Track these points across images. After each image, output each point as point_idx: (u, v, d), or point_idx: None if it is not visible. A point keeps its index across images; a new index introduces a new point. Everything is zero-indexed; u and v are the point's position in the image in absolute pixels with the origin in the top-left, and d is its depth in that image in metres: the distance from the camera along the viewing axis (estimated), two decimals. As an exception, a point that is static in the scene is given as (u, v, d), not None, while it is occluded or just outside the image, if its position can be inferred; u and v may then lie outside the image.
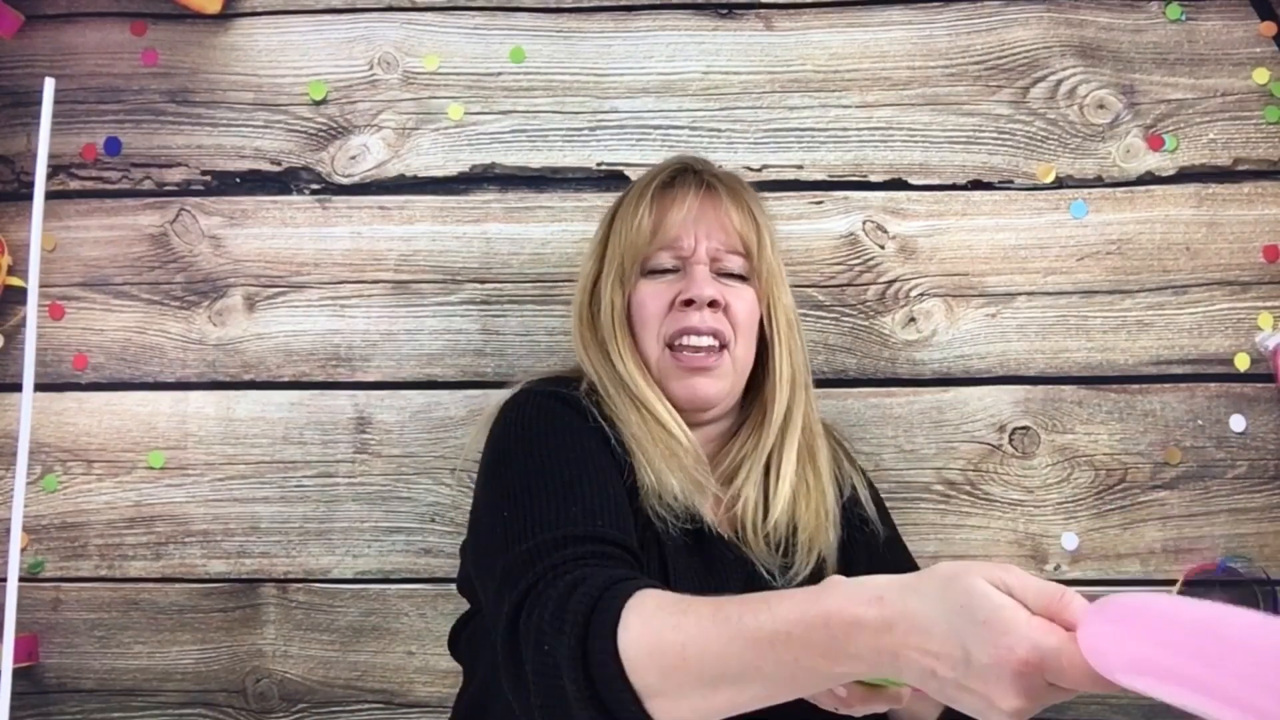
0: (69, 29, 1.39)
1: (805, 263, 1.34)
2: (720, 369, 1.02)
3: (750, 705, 0.69)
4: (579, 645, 0.72)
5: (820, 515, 1.03)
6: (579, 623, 0.73)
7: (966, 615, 0.59)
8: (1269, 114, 1.32)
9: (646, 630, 0.71)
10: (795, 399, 1.06)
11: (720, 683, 0.69)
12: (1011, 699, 0.58)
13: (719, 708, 0.70)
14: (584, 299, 1.09)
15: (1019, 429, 1.32)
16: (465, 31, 1.37)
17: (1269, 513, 1.29)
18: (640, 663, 0.70)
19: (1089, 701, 1.29)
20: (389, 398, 1.35)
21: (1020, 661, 0.57)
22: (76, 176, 1.38)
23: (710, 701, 0.70)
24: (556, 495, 0.88)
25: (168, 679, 1.33)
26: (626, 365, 1.02)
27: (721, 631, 0.69)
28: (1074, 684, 0.58)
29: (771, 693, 0.69)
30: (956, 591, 0.60)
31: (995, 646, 0.58)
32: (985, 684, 0.58)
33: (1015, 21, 1.35)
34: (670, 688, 0.70)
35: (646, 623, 0.72)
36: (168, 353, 1.36)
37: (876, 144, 1.35)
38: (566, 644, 0.72)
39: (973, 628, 0.59)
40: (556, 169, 1.36)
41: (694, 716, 0.71)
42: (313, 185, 1.37)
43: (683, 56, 1.36)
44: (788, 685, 0.68)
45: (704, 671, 0.69)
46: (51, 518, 1.35)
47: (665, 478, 0.96)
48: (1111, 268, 1.32)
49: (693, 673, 0.69)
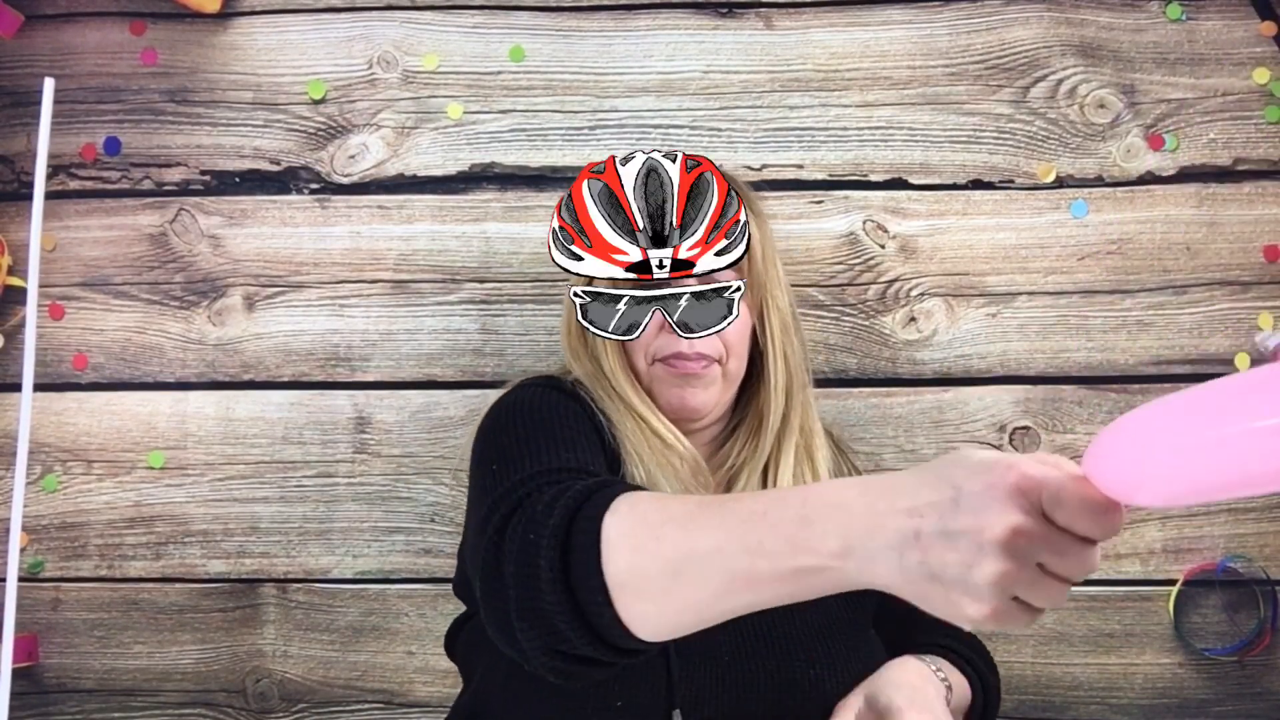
0: (69, 29, 1.39)
1: (805, 262, 1.34)
2: (709, 377, 1.01)
3: (706, 607, 0.66)
4: (565, 522, 0.71)
5: None
6: (570, 506, 0.72)
7: (958, 460, 0.57)
8: (1269, 114, 1.31)
9: (633, 511, 0.70)
10: (792, 403, 1.06)
11: (685, 566, 0.65)
12: (1002, 520, 0.52)
13: (678, 606, 0.67)
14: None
15: (1019, 429, 1.32)
16: (464, 30, 1.37)
17: (1269, 513, 1.29)
18: (617, 542, 0.68)
19: (1089, 701, 1.29)
20: (388, 397, 1.34)
21: (1017, 479, 0.53)
22: (76, 176, 1.38)
23: (671, 596, 0.67)
24: (543, 445, 0.88)
25: (168, 679, 1.33)
26: (617, 377, 1.01)
27: (701, 508, 0.68)
28: (1073, 516, 0.53)
29: (726, 588, 0.64)
30: (946, 456, 0.58)
31: (989, 472, 0.54)
32: (974, 515, 0.53)
33: (1016, 21, 1.35)
34: (637, 576, 0.68)
35: (635, 505, 0.70)
36: (167, 353, 1.36)
37: (877, 143, 1.35)
38: (553, 524, 0.71)
39: (964, 467, 0.56)
40: (556, 168, 1.36)
41: (655, 615, 0.68)
42: (312, 185, 1.37)
43: (683, 56, 1.36)
44: (745, 581, 0.63)
45: (674, 551, 0.66)
46: (51, 518, 1.35)
47: (660, 485, 0.96)
48: (1112, 267, 1.32)
49: (662, 555, 0.66)
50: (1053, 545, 0.53)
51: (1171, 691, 1.29)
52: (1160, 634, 1.29)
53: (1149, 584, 1.29)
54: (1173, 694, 1.29)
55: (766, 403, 1.05)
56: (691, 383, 1.01)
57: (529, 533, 0.73)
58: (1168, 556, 1.29)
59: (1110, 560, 1.30)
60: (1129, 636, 1.29)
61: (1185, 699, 1.29)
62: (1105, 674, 1.29)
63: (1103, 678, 1.29)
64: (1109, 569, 1.30)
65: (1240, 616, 1.29)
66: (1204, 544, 1.29)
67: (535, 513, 0.74)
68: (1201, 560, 1.29)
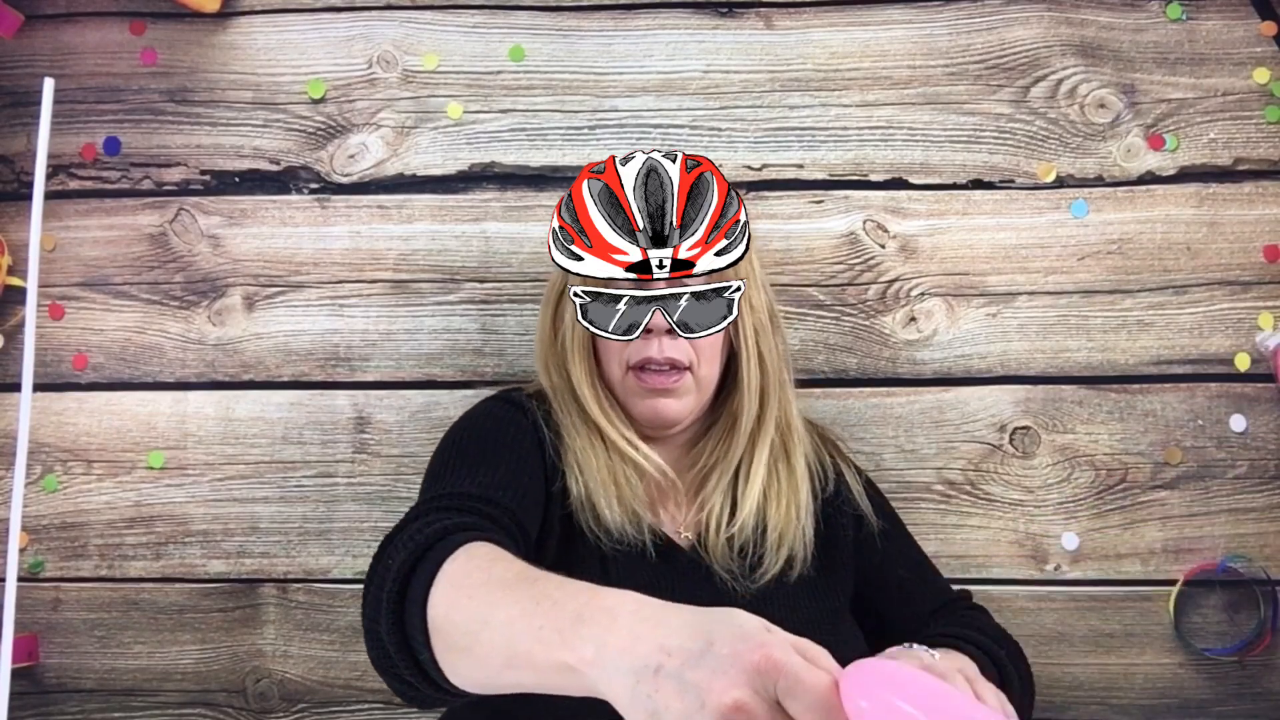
0: (68, 29, 1.39)
1: (805, 262, 1.34)
2: (682, 388, 1.01)
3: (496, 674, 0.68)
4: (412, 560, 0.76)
5: (791, 512, 1.03)
6: (421, 544, 0.77)
7: (725, 617, 0.57)
8: (1269, 114, 1.31)
9: (466, 564, 0.74)
10: (767, 404, 1.06)
11: (481, 631, 0.68)
12: (730, 691, 0.53)
13: (474, 664, 0.69)
14: (549, 313, 1.08)
15: (1019, 429, 1.31)
16: (464, 30, 1.37)
17: (1269, 513, 1.29)
18: (442, 591, 0.72)
19: (1089, 701, 1.29)
20: (388, 397, 1.34)
21: (762, 658, 0.53)
22: (76, 176, 1.38)
23: (470, 654, 0.69)
24: (461, 468, 0.94)
25: (168, 679, 1.33)
26: (582, 388, 1.03)
27: (517, 579, 0.70)
28: (803, 711, 0.53)
29: (508, 662, 0.66)
30: (721, 611, 0.58)
31: (743, 642, 0.55)
32: (711, 674, 0.54)
33: (1016, 21, 1.34)
34: (449, 626, 0.71)
35: (470, 558, 0.74)
36: (167, 353, 1.36)
37: (877, 143, 1.35)
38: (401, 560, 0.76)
39: (726, 625, 0.57)
40: (556, 168, 1.36)
41: (460, 666, 0.71)
42: (311, 184, 1.37)
43: (683, 55, 1.36)
44: (524, 660, 0.65)
45: (477, 613, 0.69)
46: (51, 518, 1.35)
47: (599, 504, 0.98)
48: (1112, 267, 1.32)
49: (469, 613, 0.70)
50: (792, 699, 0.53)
51: (1171, 691, 1.29)
52: (1160, 634, 1.29)
53: (1149, 584, 1.29)
54: (1173, 694, 1.29)
55: (740, 404, 1.05)
56: (665, 394, 1.01)
57: (388, 558, 0.78)
58: (1168, 556, 1.29)
59: (1111, 560, 1.30)
60: (1129, 636, 1.29)
61: (1185, 699, 1.29)
62: (1105, 674, 1.29)
63: (1103, 678, 1.29)
64: (1109, 569, 1.30)
65: (1240, 616, 1.29)
66: (1204, 544, 1.29)
67: (399, 541, 0.79)
68: (1202, 560, 1.29)
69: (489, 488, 0.91)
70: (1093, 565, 1.30)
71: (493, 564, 0.74)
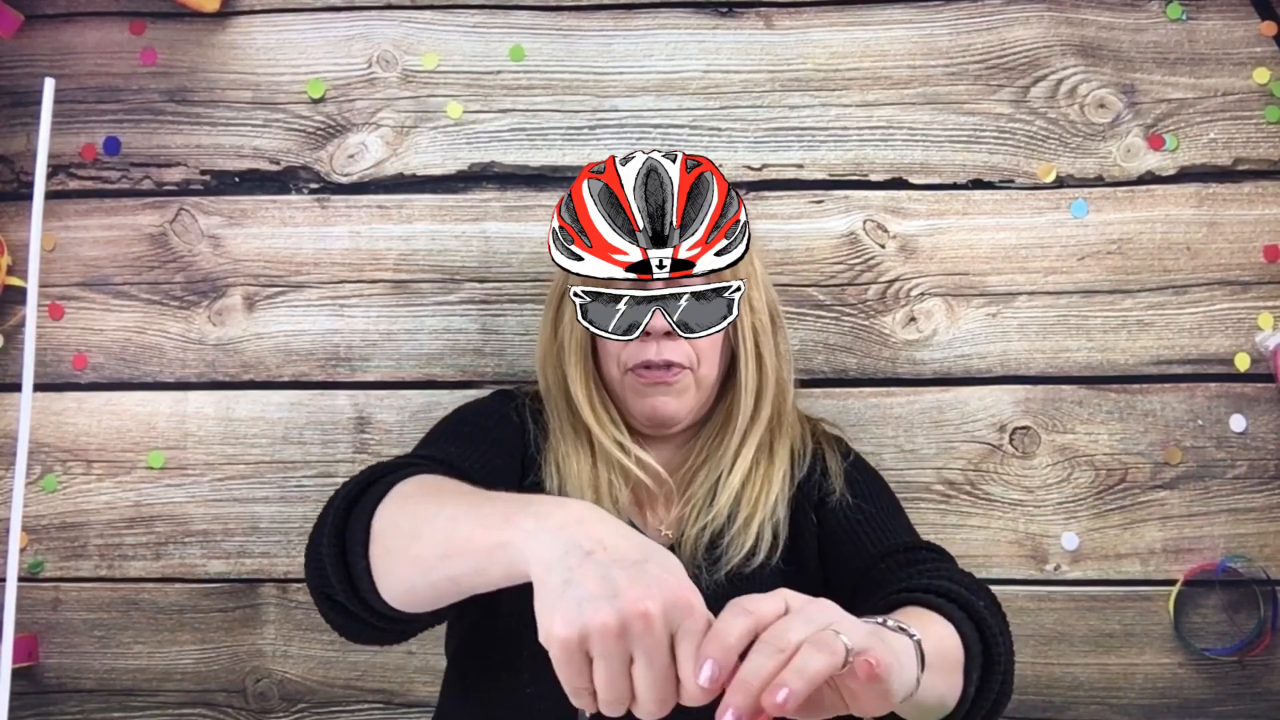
0: (68, 29, 1.39)
1: (805, 262, 1.34)
2: (681, 385, 1.01)
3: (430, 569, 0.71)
4: (364, 484, 0.82)
5: (763, 496, 1.03)
6: (378, 472, 0.83)
7: (667, 553, 0.62)
8: (1269, 114, 1.31)
9: (420, 482, 0.80)
10: (762, 405, 1.05)
11: (424, 526, 0.72)
12: (645, 601, 0.56)
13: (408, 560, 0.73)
14: (550, 314, 1.09)
15: (1019, 429, 1.31)
16: (464, 30, 1.37)
17: (1269, 513, 1.29)
18: (390, 502, 0.78)
19: (1089, 701, 1.29)
20: (389, 397, 1.34)
21: (684, 596, 0.58)
22: (76, 176, 1.38)
23: (406, 553, 0.73)
24: (442, 441, 1.00)
25: (168, 679, 1.33)
26: (576, 388, 1.04)
27: (474, 490, 0.78)
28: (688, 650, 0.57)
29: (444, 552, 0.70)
30: (665, 550, 0.63)
31: (674, 575, 0.59)
32: (633, 581, 0.57)
33: (1016, 21, 1.34)
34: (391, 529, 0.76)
35: (425, 479, 0.81)
36: (167, 353, 1.36)
37: (877, 143, 1.35)
38: (351, 484, 0.83)
39: (666, 557, 0.61)
40: (556, 168, 1.36)
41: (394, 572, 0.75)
42: (311, 184, 1.37)
43: (683, 55, 1.36)
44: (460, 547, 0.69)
45: (423, 513, 0.74)
46: (51, 518, 1.35)
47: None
48: (1112, 267, 1.32)
49: (415, 514, 0.75)
50: (651, 651, 0.57)
51: (1171, 691, 1.29)
52: (1160, 634, 1.29)
53: (1149, 584, 1.29)
54: (1173, 694, 1.29)
55: (735, 404, 1.05)
56: (663, 391, 1.01)
57: (339, 490, 0.84)
58: (1168, 556, 1.29)
59: (1111, 560, 1.30)
60: (1129, 636, 1.29)
61: (1185, 699, 1.29)
62: (1105, 674, 1.29)
63: (1103, 678, 1.29)
64: (1109, 569, 1.30)
65: (1240, 616, 1.29)
66: (1204, 544, 1.29)
67: (358, 477, 0.84)
68: (1201, 560, 1.29)
69: (457, 459, 0.94)
70: (1092, 565, 1.30)
71: (445, 483, 0.79)
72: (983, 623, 0.82)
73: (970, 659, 0.78)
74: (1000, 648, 0.82)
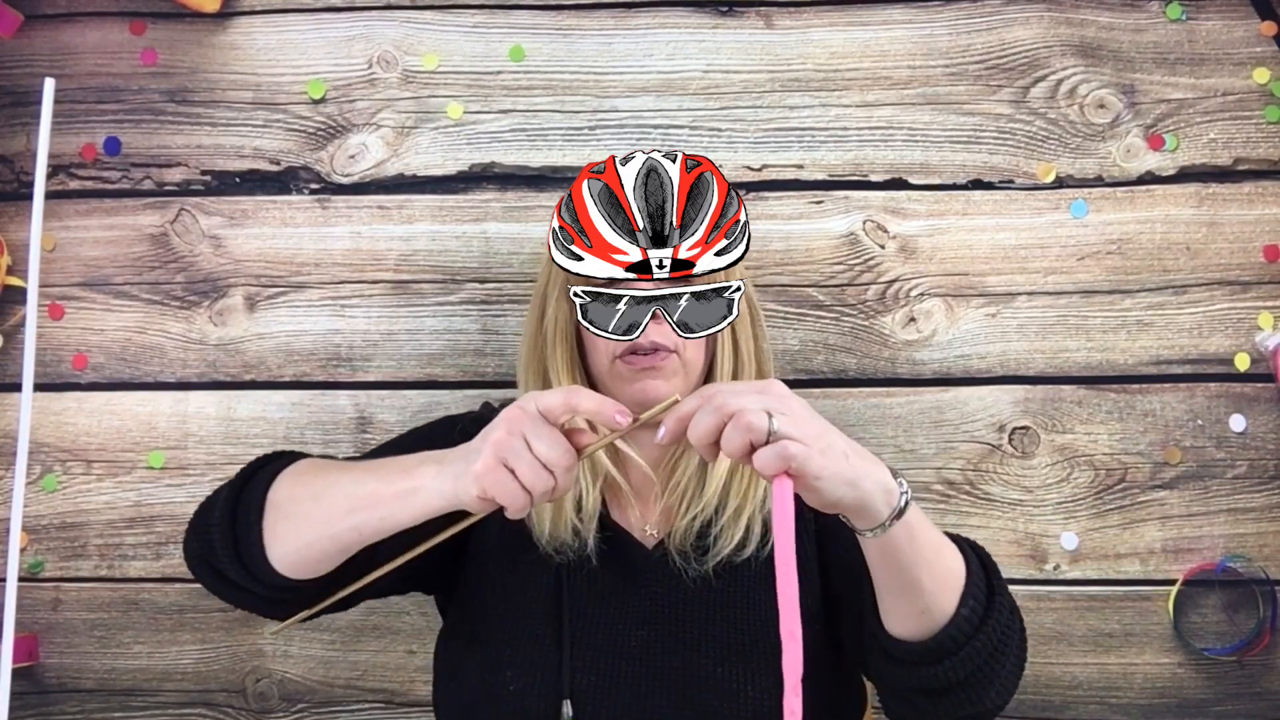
0: (69, 29, 1.39)
1: (805, 262, 1.34)
2: (669, 368, 1.01)
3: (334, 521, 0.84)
4: (257, 465, 0.93)
5: (753, 486, 1.02)
6: (271, 456, 0.94)
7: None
8: (1269, 114, 1.32)
9: (312, 462, 0.92)
10: None
11: (325, 491, 0.85)
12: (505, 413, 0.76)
13: (311, 522, 0.85)
14: (535, 314, 1.08)
15: (1019, 429, 1.32)
16: (464, 30, 1.37)
17: (1269, 513, 1.29)
18: (286, 478, 0.89)
19: (1088, 701, 1.29)
20: (389, 398, 1.35)
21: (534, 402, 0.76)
22: (76, 176, 1.38)
23: (309, 517, 0.85)
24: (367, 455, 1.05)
25: (168, 679, 1.33)
26: (560, 379, 1.03)
27: (364, 462, 0.89)
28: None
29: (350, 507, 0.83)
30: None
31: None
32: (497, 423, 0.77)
33: (1016, 21, 1.35)
34: (289, 500, 0.87)
35: (316, 461, 0.92)
36: (168, 353, 1.36)
37: (877, 143, 1.35)
38: (246, 466, 0.94)
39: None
40: (556, 168, 1.36)
41: (291, 533, 0.86)
42: (312, 185, 1.37)
43: (683, 55, 1.36)
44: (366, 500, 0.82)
45: (323, 482, 0.86)
46: (51, 518, 1.35)
47: (532, 514, 1.00)
48: (1111, 268, 1.32)
49: (314, 484, 0.87)
50: (534, 428, 0.75)
51: (1171, 691, 1.29)
52: (1160, 634, 1.29)
53: (1149, 584, 1.29)
54: (1172, 694, 1.29)
55: None
56: (652, 375, 1.00)
57: (236, 473, 0.94)
58: (1167, 556, 1.29)
59: (1110, 560, 1.30)
60: (1129, 636, 1.29)
61: (1185, 699, 1.29)
62: (1105, 674, 1.29)
63: (1102, 678, 1.29)
64: (1109, 569, 1.30)
65: (1240, 616, 1.29)
66: (1204, 544, 1.29)
67: (252, 461, 0.95)
68: (1201, 560, 1.29)
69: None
70: (1092, 565, 1.30)
71: (333, 461, 0.93)
72: (991, 568, 0.90)
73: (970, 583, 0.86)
74: (1002, 592, 0.89)
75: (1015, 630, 0.90)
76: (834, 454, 0.77)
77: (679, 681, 0.96)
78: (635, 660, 0.97)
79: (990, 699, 0.87)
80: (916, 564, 0.83)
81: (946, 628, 0.84)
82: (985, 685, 0.87)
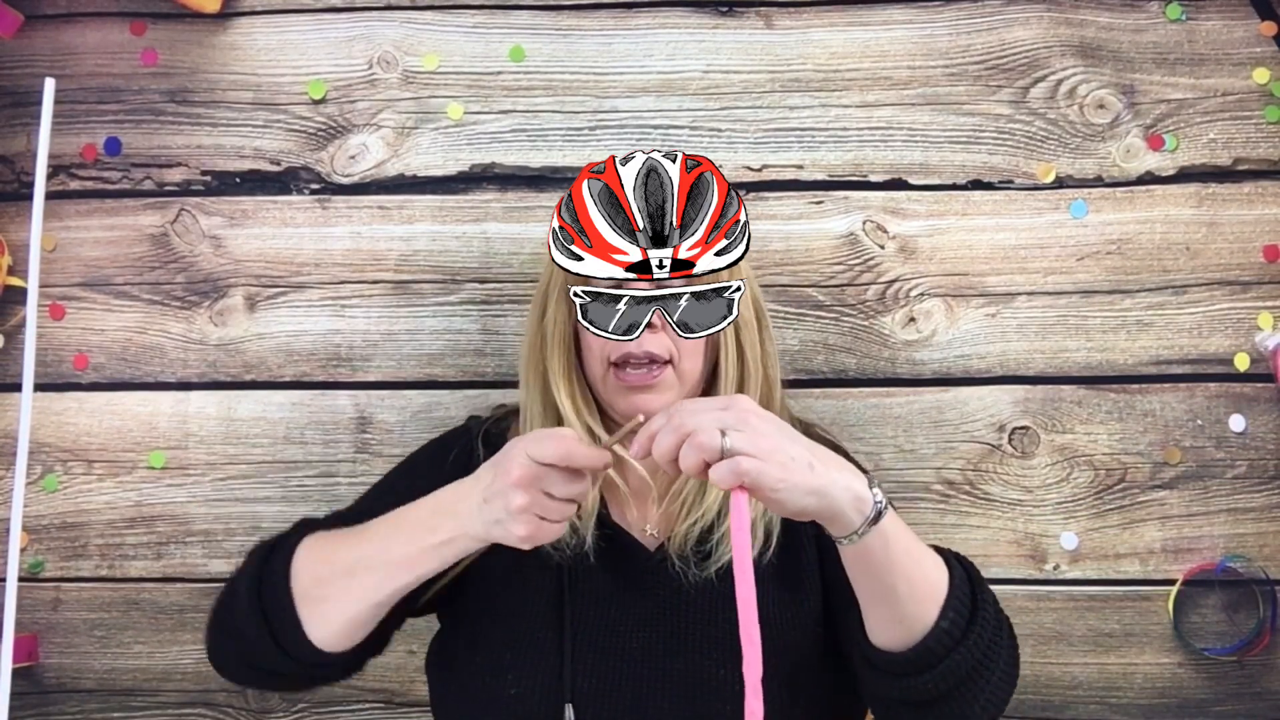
0: (69, 29, 1.39)
1: (805, 263, 1.34)
2: (663, 383, 1.00)
3: (376, 590, 0.89)
4: (265, 555, 0.95)
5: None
6: (270, 546, 0.96)
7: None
8: (1269, 114, 1.32)
9: (315, 542, 0.94)
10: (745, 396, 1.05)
11: (357, 566, 0.89)
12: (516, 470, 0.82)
13: (354, 597, 0.89)
14: (538, 308, 1.08)
15: (1019, 429, 1.32)
16: (464, 30, 1.37)
17: (1269, 513, 1.29)
18: (302, 567, 0.91)
19: (1088, 701, 1.29)
20: (390, 398, 1.35)
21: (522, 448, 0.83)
22: (76, 176, 1.38)
23: (349, 591, 0.89)
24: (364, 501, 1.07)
25: (168, 679, 1.33)
26: (558, 380, 1.04)
27: (364, 527, 0.92)
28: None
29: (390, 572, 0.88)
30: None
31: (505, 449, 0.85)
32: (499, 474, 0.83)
33: (1015, 21, 1.35)
34: (319, 584, 0.90)
35: (316, 538, 0.94)
36: (168, 353, 1.36)
37: (876, 144, 1.35)
38: (252, 559, 0.97)
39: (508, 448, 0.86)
40: (556, 168, 1.36)
41: (334, 611, 0.90)
42: (312, 185, 1.37)
43: (683, 55, 1.36)
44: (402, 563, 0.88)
45: (348, 557, 0.90)
46: (51, 518, 1.35)
47: None
48: (1111, 268, 1.32)
49: (339, 562, 0.90)
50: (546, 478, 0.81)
51: (1171, 691, 1.29)
52: (1160, 634, 1.29)
53: (1149, 584, 1.29)
54: (1172, 694, 1.29)
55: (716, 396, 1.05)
56: (645, 390, 1.00)
57: (234, 575, 0.98)
58: (1167, 556, 1.29)
59: (1110, 560, 1.30)
60: (1129, 636, 1.29)
61: (1185, 699, 1.29)
62: (1105, 674, 1.29)
63: (1102, 678, 1.29)
64: (1109, 569, 1.30)
65: (1240, 616, 1.29)
66: (1204, 544, 1.29)
67: (250, 557, 0.98)
68: (1201, 560, 1.29)
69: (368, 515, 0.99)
70: (1092, 565, 1.30)
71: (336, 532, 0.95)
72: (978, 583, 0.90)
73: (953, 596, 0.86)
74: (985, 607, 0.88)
75: (1002, 646, 0.89)
76: (795, 466, 0.78)
77: (680, 684, 0.96)
78: (636, 663, 0.97)
79: (975, 713, 0.87)
80: (892, 572, 0.83)
81: (925, 639, 0.84)
82: (969, 700, 0.86)
